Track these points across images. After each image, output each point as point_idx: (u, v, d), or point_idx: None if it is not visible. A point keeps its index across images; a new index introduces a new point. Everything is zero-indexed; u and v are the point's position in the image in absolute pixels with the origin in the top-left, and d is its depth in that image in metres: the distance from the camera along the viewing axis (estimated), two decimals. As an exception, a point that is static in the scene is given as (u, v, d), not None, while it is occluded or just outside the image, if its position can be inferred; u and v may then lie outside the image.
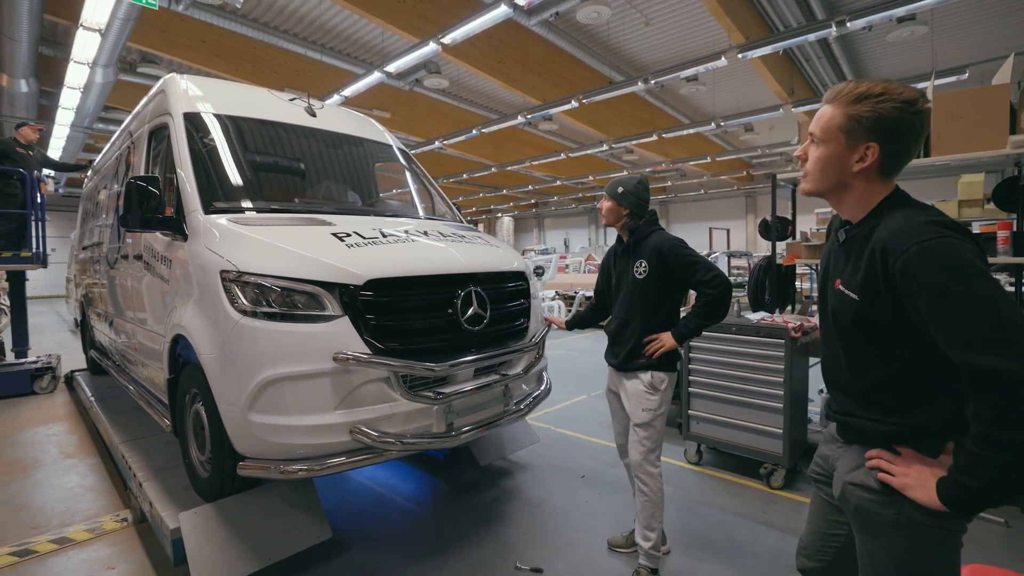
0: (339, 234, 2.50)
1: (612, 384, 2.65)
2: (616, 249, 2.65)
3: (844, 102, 1.16)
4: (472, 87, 11.28)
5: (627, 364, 2.48)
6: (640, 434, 2.44)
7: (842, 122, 1.16)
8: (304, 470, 2.17)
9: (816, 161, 1.23)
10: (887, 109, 1.11)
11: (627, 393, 2.50)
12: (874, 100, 1.12)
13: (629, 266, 2.50)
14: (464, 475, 3.67)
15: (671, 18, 8.18)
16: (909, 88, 1.12)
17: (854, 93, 1.14)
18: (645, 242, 2.47)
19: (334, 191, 3.47)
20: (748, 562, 2.64)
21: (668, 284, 2.44)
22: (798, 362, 3.50)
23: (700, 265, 2.39)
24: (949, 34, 8.49)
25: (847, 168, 1.18)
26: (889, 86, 1.12)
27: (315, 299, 2.23)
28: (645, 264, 2.43)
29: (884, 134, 1.13)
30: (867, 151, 1.15)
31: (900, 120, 1.11)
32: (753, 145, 15.10)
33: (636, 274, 2.46)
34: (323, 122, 3.53)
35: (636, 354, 2.46)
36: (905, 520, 1.12)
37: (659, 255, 2.41)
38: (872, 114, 1.12)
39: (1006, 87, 2.95)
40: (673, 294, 2.49)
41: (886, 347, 1.15)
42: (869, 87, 1.13)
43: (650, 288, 2.43)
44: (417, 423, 2.36)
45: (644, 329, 2.44)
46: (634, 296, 2.47)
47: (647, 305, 2.45)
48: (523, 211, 31.90)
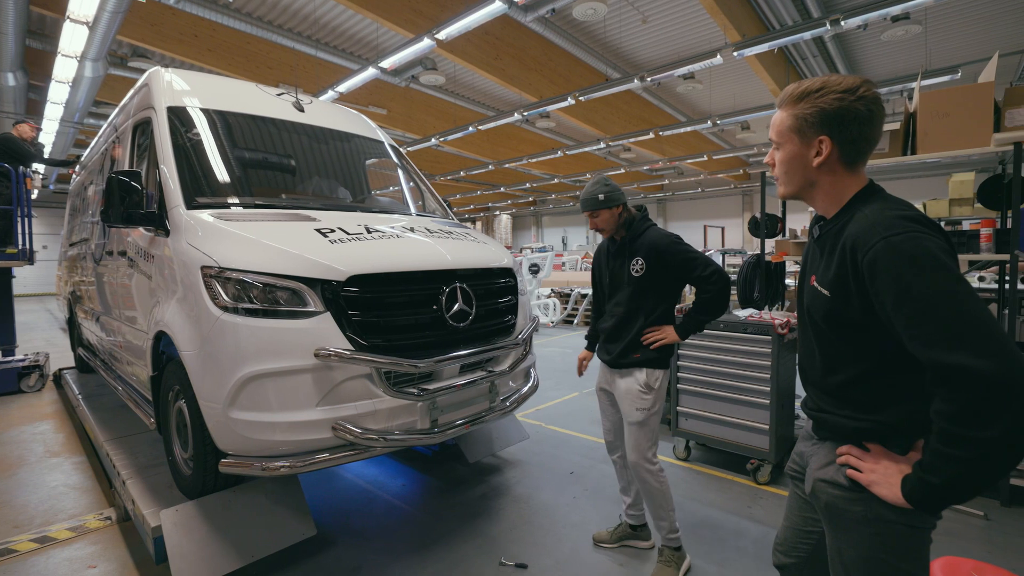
0: (323, 230, 2.50)
1: (604, 382, 2.64)
2: (608, 248, 2.61)
3: (789, 103, 1.20)
4: (469, 84, 11.26)
5: (622, 360, 2.46)
6: (636, 434, 2.44)
7: (791, 123, 1.20)
8: (287, 467, 2.17)
9: (780, 164, 1.26)
10: (827, 102, 1.13)
11: (620, 392, 2.48)
12: (814, 96, 1.15)
13: (625, 264, 2.48)
14: (453, 472, 3.67)
15: (668, 15, 8.18)
16: (850, 77, 1.14)
17: (795, 93, 1.18)
18: (641, 239, 2.45)
19: (322, 187, 3.47)
20: (732, 556, 2.65)
21: (665, 281, 2.43)
22: (785, 358, 3.51)
23: (699, 261, 2.39)
24: (942, 34, 8.51)
25: (808, 165, 1.20)
26: (828, 80, 1.15)
27: (297, 295, 2.23)
28: (642, 261, 2.41)
29: (830, 126, 1.14)
30: (820, 145, 1.17)
31: (842, 109, 1.13)
32: (749, 143, 15.10)
33: (633, 272, 2.43)
34: (311, 117, 3.52)
35: (632, 349, 2.44)
36: (873, 517, 1.12)
37: (657, 252, 2.39)
38: (813, 109, 1.15)
39: (990, 85, 2.96)
40: (670, 290, 2.48)
41: (857, 344, 1.15)
42: (809, 85, 1.16)
43: (647, 285, 2.42)
44: (401, 419, 2.36)
45: (642, 326, 2.43)
46: (631, 294, 2.45)
47: (644, 302, 2.43)
48: (521, 209, 31.89)
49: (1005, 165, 3.31)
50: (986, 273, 5.38)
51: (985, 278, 6.31)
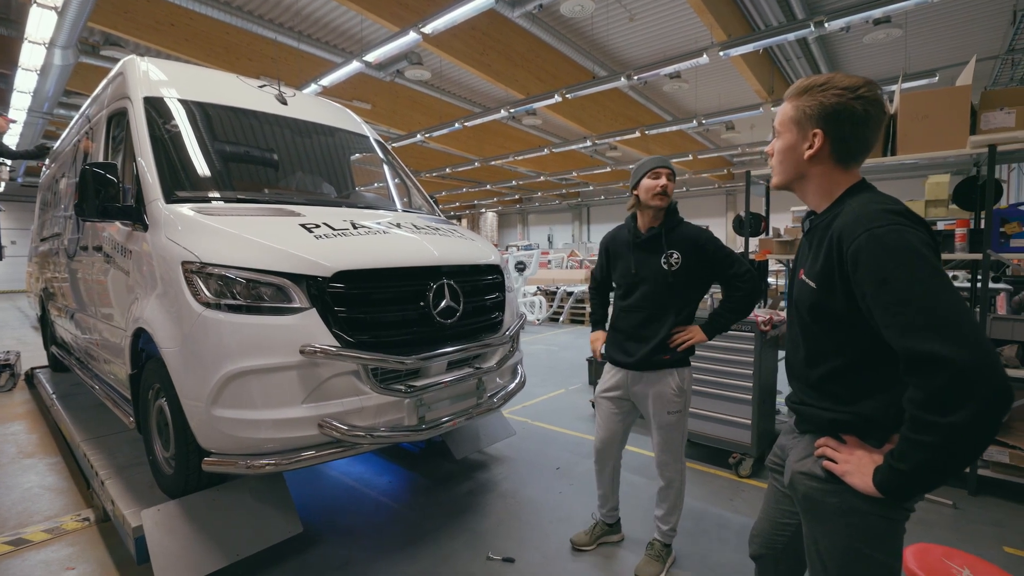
0: (308, 225, 2.49)
1: (617, 388, 2.48)
2: (632, 239, 2.43)
3: (795, 96, 1.24)
4: (455, 79, 11.22)
5: (651, 361, 2.35)
6: (669, 435, 2.41)
7: (793, 114, 1.24)
8: (272, 464, 2.16)
9: (777, 154, 1.30)
10: (827, 97, 1.17)
11: (650, 397, 2.38)
12: (817, 90, 1.19)
13: (656, 257, 2.34)
14: (440, 468, 3.68)
15: (655, 14, 8.24)
16: (854, 77, 1.18)
17: (801, 87, 1.22)
18: (676, 232, 2.35)
19: (306, 182, 3.44)
20: (714, 547, 2.72)
21: (699, 277, 2.36)
22: (767, 354, 3.59)
23: (735, 258, 2.36)
24: (922, 38, 8.73)
25: (800, 157, 1.24)
26: (833, 77, 1.19)
27: (281, 291, 2.22)
28: (678, 256, 2.30)
29: (827, 120, 1.18)
30: (814, 138, 1.21)
31: (840, 106, 1.16)
32: (734, 143, 15.30)
33: (666, 266, 2.31)
34: (295, 110, 3.49)
35: (662, 351, 2.33)
36: (847, 508, 1.16)
37: (696, 246, 2.32)
38: (814, 102, 1.19)
39: (967, 89, 3.06)
40: (701, 288, 2.41)
41: (840, 337, 1.19)
42: (814, 80, 1.20)
43: (681, 280, 2.31)
44: (388, 416, 2.36)
45: (672, 326, 2.33)
46: (662, 289, 2.33)
47: (677, 299, 2.34)
48: (507, 207, 31.88)
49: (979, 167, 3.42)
50: (958, 272, 5.54)
51: (959, 276, 6.50)
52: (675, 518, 2.52)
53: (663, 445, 2.44)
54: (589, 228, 29.52)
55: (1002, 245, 3.04)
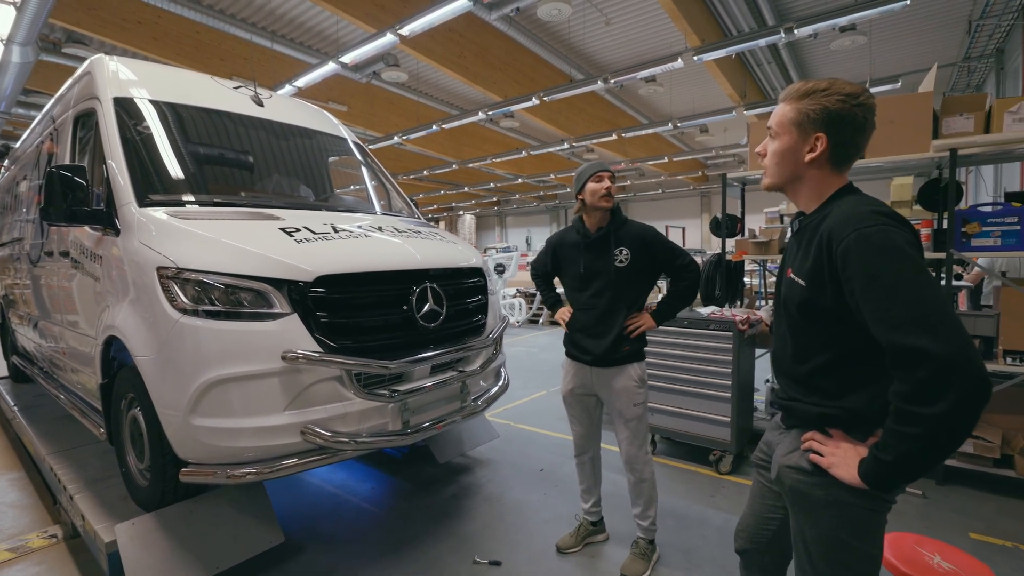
0: (288, 229, 2.45)
1: (581, 386, 2.57)
2: (581, 240, 2.52)
3: (794, 98, 1.26)
4: (432, 82, 11.18)
5: (613, 356, 2.45)
6: (635, 428, 2.50)
7: (793, 116, 1.25)
8: (253, 473, 2.11)
9: (773, 155, 1.32)
10: (832, 102, 1.20)
11: (614, 392, 2.47)
12: (820, 94, 1.21)
13: (606, 255, 2.45)
14: (423, 473, 3.66)
15: (630, 19, 8.37)
16: (853, 84, 1.21)
17: (803, 89, 1.25)
18: (624, 230, 2.47)
19: (283, 185, 3.38)
20: (697, 543, 2.77)
21: (647, 271, 2.49)
22: (745, 353, 3.68)
23: (680, 251, 2.51)
24: (885, 45, 9.07)
25: (800, 159, 1.27)
26: (834, 82, 1.21)
27: (262, 296, 2.18)
28: (627, 252, 2.43)
29: (830, 125, 1.21)
30: (816, 141, 1.23)
31: (843, 111, 1.19)
32: (708, 146, 15.62)
33: (617, 262, 2.43)
34: (271, 112, 3.43)
35: (621, 343, 2.44)
36: (833, 500, 1.20)
37: (643, 242, 2.45)
38: (818, 107, 1.21)
39: (929, 95, 3.20)
40: (649, 280, 2.54)
41: (829, 333, 1.22)
42: (816, 84, 1.23)
43: (631, 275, 2.44)
44: (372, 422, 2.34)
45: (625, 318, 2.45)
46: (613, 284, 2.44)
47: (628, 293, 2.46)
48: (485, 209, 31.86)
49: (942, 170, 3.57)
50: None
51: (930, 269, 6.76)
52: (653, 511, 2.57)
53: (632, 438, 2.51)
54: (567, 230, 29.68)
55: (964, 244, 3.18)
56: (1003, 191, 8.50)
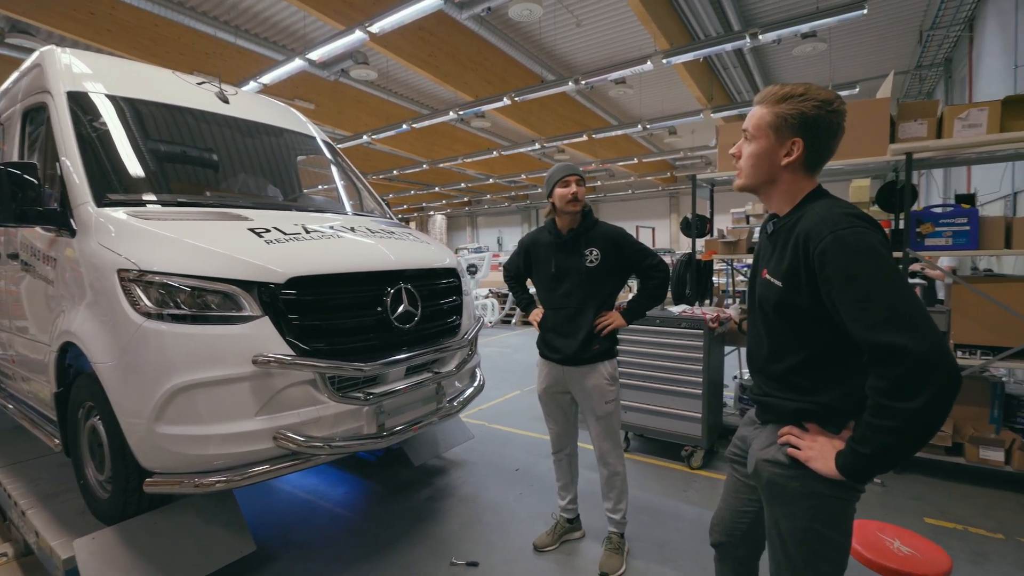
0: (257, 230, 2.39)
1: (556, 385, 2.60)
2: (552, 240, 2.57)
3: (771, 102, 1.28)
4: (402, 80, 11.08)
5: (584, 355, 2.48)
6: (607, 424, 2.54)
7: (771, 120, 1.27)
8: (223, 481, 2.05)
9: (749, 157, 1.34)
10: (808, 108, 1.23)
11: (586, 390, 2.51)
12: (797, 100, 1.24)
13: (577, 255, 2.49)
14: (398, 476, 3.62)
15: (601, 21, 8.48)
16: (827, 90, 1.25)
17: (780, 94, 1.27)
18: (594, 231, 2.51)
19: (251, 184, 3.29)
20: (671, 537, 2.83)
21: (617, 271, 2.53)
22: (715, 351, 3.77)
23: (648, 251, 2.56)
24: (844, 52, 9.46)
25: (776, 162, 1.30)
26: (810, 88, 1.25)
27: (231, 299, 2.12)
28: (597, 252, 2.47)
29: (807, 130, 1.24)
30: (793, 146, 1.27)
31: (819, 117, 1.23)
32: (676, 147, 15.97)
33: (587, 263, 2.47)
34: (237, 109, 3.34)
35: (591, 342, 2.47)
36: (808, 491, 1.25)
37: (613, 242, 2.49)
38: (796, 112, 1.24)
39: (887, 101, 3.36)
40: (619, 280, 2.58)
41: (804, 332, 1.26)
42: (792, 88, 1.25)
43: (600, 275, 2.48)
44: (346, 425, 2.30)
45: (594, 317, 2.48)
46: (586, 285, 2.48)
47: (598, 293, 2.50)
48: (456, 209, 31.72)
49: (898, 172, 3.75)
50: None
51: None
52: (624, 505, 2.62)
53: (604, 434, 2.56)
54: (539, 230, 29.84)
55: (918, 244, 3.35)
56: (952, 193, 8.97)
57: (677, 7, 7.60)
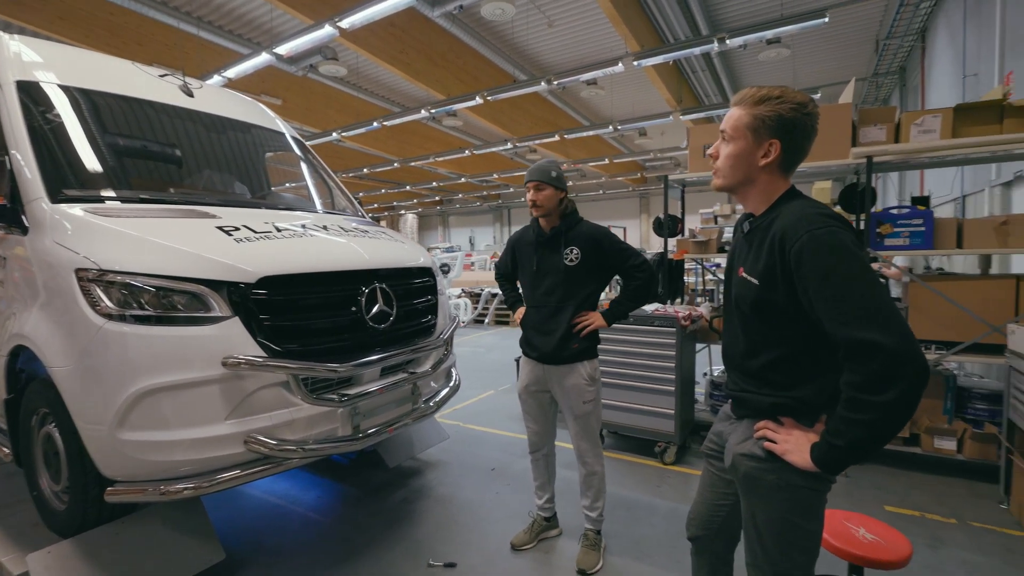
0: (226, 228, 2.32)
1: (535, 383, 2.61)
2: (536, 238, 2.58)
3: (749, 104, 1.31)
4: (373, 77, 10.91)
5: (562, 354, 2.48)
6: (586, 424, 2.55)
7: (749, 121, 1.30)
8: (190, 488, 1.98)
9: (727, 158, 1.36)
10: (785, 110, 1.26)
11: (565, 389, 2.52)
12: (774, 102, 1.27)
13: (557, 254, 2.50)
14: (372, 478, 3.57)
15: (573, 21, 8.54)
16: (801, 93, 1.29)
17: (757, 96, 1.29)
18: (575, 230, 2.50)
19: (217, 182, 3.19)
20: (646, 532, 2.88)
21: (598, 270, 2.52)
22: (687, 348, 3.86)
23: (631, 251, 2.55)
24: (807, 58, 9.81)
25: (754, 163, 1.32)
26: (786, 91, 1.28)
27: (198, 299, 2.05)
28: (577, 251, 2.47)
29: (784, 132, 1.28)
30: (770, 147, 1.30)
31: (796, 119, 1.27)
32: (646, 149, 16.24)
33: (567, 261, 2.47)
34: (203, 103, 3.23)
35: (569, 340, 2.47)
36: (784, 484, 1.29)
37: (594, 242, 2.48)
38: (773, 114, 1.27)
39: (848, 106, 3.50)
40: (600, 280, 2.57)
41: (780, 329, 1.30)
42: (769, 91, 1.28)
43: (581, 275, 2.48)
44: (321, 427, 2.26)
45: (572, 316, 2.48)
46: (565, 284, 2.48)
47: (578, 292, 2.49)
48: (427, 208, 31.46)
49: (859, 175, 3.91)
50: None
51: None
52: (601, 503, 2.65)
53: (581, 433, 2.58)
54: (510, 230, 29.90)
55: (878, 244, 3.50)
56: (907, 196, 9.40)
57: (647, 10, 7.73)
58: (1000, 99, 3.25)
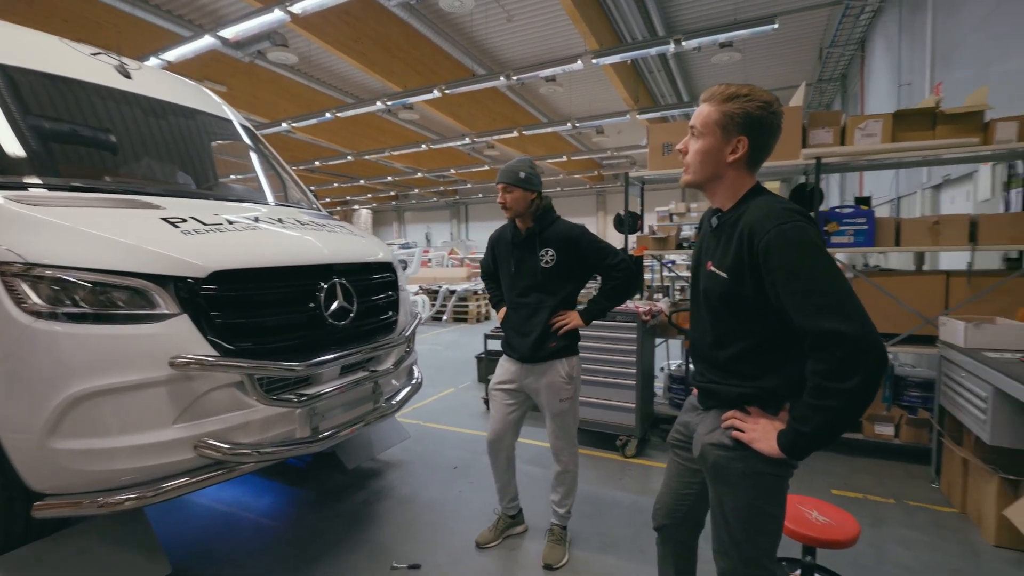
0: (172, 219, 2.18)
1: (510, 379, 2.58)
2: (511, 238, 2.56)
3: (718, 100, 1.34)
4: (325, 66, 10.58)
5: (539, 353, 2.47)
6: (563, 422, 2.54)
7: (718, 118, 1.34)
8: (133, 499, 1.85)
9: (696, 153, 1.39)
10: (753, 108, 1.30)
11: (541, 387, 2.50)
12: (743, 99, 1.31)
13: (533, 254, 2.47)
14: (329, 481, 3.46)
15: (533, 17, 8.57)
16: (768, 92, 1.34)
17: (726, 93, 1.33)
18: (551, 230, 2.48)
19: (157, 171, 3.00)
20: (610, 524, 2.93)
21: (575, 270, 2.50)
22: (647, 343, 3.95)
23: (608, 250, 2.52)
24: (758, 63, 10.25)
25: (722, 159, 1.36)
26: (753, 89, 1.32)
27: (142, 295, 1.92)
28: (553, 253, 2.44)
29: (751, 129, 1.32)
30: (738, 144, 1.34)
31: (763, 117, 1.31)
32: (603, 147, 16.53)
33: (543, 263, 2.45)
34: (141, 86, 3.02)
35: (546, 339, 2.46)
36: (751, 471, 1.34)
37: (570, 242, 2.45)
38: (742, 111, 1.31)
39: (799, 109, 3.67)
40: (580, 279, 2.55)
41: (748, 321, 1.34)
42: (738, 89, 1.32)
43: (557, 276, 2.46)
44: (277, 429, 2.17)
45: (549, 316, 2.47)
46: (539, 284, 2.47)
47: (555, 292, 2.47)
48: (382, 203, 30.85)
49: (807, 175, 4.12)
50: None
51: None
52: (571, 501, 2.68)
53: (557, 432, 2.58)
54: (468, 226, 29.78)
55: (826, 242, 3.70)
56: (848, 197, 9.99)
57: (607, 9, 7.85)
58: (933, 107, 3.49)
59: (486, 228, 28.78)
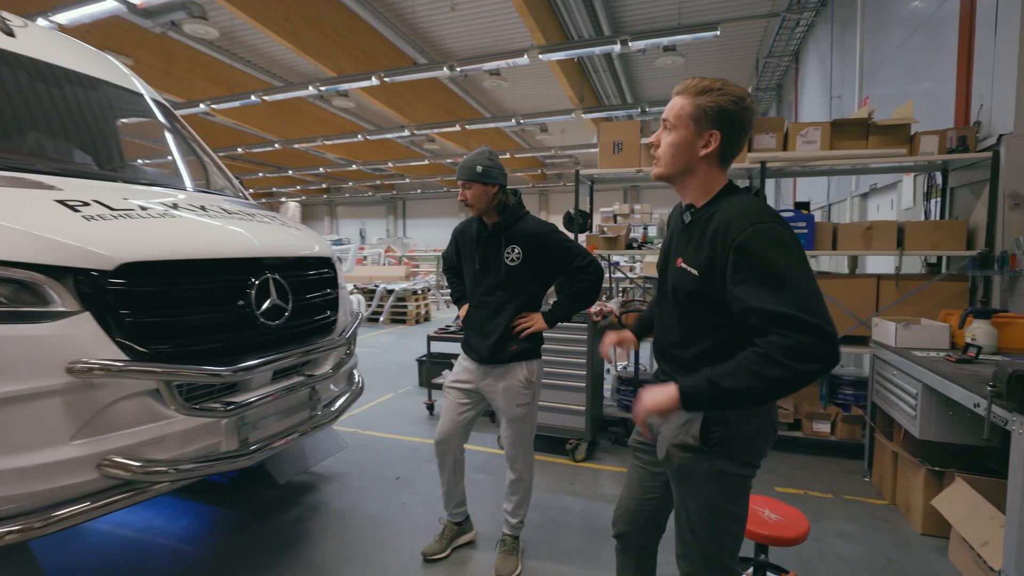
0: (70, 202, 1.94)
1: (467, 379, 2.52)
2: (478, 232, 2.49)
3: (691, 93, 1.35)
4: (251, 45, 10.00)
5: (498, 355, 2.41)
6: (518, 428, 2.48)
7: (691, 111, 1.34)
8: (15, 532, 1.61)
9: (668, 146, 1.39)
10: (726, 102, 1.31)
11: (498, 391, 2.45)
12: (716, 93, 1.32)
13: (499, 251, 2.41)
14: (257, 498, 3.23)
15: (478, 7, 8.50)
16: (740, 87, 1.36)
17: (699, 87, 1.34)
18: (517, 226, 2.41)
19: (48, 147, 2.66)
20: (562, 531, 2.92)
21: (541, 270, 2.44)
22: (597, 344, 3.99)
23: (577, 251, 2.45)
24: (699, 68, 10.73)
25: (694, 153, 1.37)
26: (726, 83, 1.34)
27: (31, 290, 1.68)
28: (519, 250, 2.38)
29: (724, 123, 1.33)
30: (711, 137, 1.35)
31: (735, 112, 1.32)
32: (547, 145, 16.74)
33: (508, 261, 2.39)
34: (27, 46, 2.67)
35: (507, 342, 2.41)
36: (715, 472, 1.36)
37: (537, 240, 2.39)
38: (715, 105, 1.32)
39: (746, 113, 3.84)
40: (543, 279, 2.49)
41: (716, 318, 1.35)
42: (711, 82, 1.33)
43: (522, 274, 2.40)
44: (200, 443, 1.98)
45: (512, 317, 2.42)
46: (503, 283, 2.41)
47: (519, 292, 2.42)
48: (312, 197, 29.62)
49: (751, 179, 4.32)
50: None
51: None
52: (524, 510, 2.63)
53: (513, 438, 2.53)
54: (405, 223, 29.20)
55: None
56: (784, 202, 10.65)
57: (554, 5, 7.93)
58: (866, 118, 3.77)
59: (425, 225, 28.33)
